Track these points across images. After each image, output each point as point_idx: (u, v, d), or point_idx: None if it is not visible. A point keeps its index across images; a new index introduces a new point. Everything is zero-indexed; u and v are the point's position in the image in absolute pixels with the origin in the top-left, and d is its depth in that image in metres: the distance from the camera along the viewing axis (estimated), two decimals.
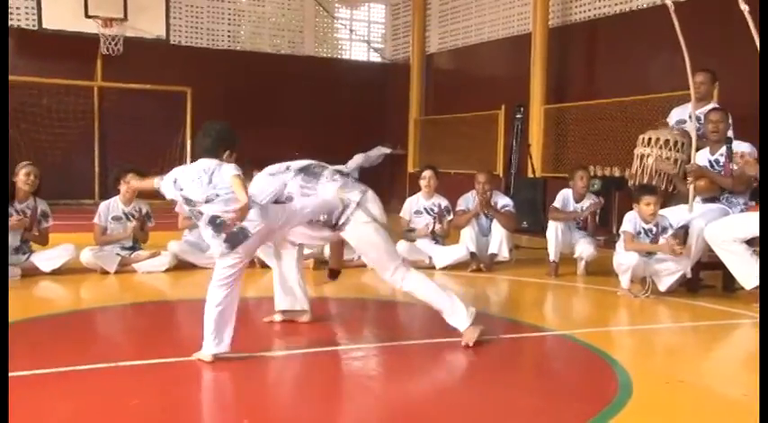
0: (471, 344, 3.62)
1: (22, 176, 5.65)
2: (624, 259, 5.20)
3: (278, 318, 4.21)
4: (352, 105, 14.06)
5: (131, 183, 5.37)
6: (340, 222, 3.72)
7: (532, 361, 3.90)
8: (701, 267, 5.46)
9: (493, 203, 6.45)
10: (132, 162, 9.24)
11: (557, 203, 6.31)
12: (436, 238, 6.59)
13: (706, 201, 5.40)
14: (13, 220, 5.52)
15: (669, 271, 5.18)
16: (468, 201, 6.55)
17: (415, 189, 6.92)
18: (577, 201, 6.30)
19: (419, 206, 6.66)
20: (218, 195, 3.34)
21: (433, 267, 6.29)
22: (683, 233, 5.35)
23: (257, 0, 14.20)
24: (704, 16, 7.90)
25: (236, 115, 13.29)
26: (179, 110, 12.72)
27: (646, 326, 4.59)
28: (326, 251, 6.26)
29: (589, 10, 10.75)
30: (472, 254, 6.31)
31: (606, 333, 4.35)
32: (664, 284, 5.22)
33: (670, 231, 5.23)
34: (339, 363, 3.57)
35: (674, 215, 5.40)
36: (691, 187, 5.33)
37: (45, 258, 5.66)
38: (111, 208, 6.00)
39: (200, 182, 3.36)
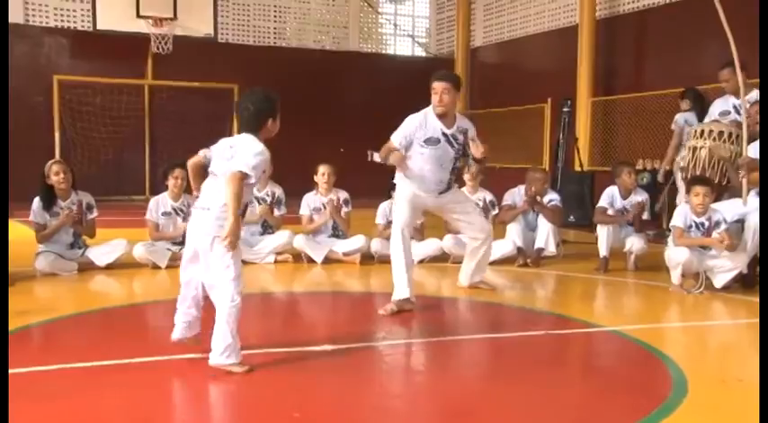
0: None
1: (54, 177, 5.57)
2: (675, 255, 5.08)
3: None
4: (396, 100, 13.92)
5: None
6: None
7: (582, 357, 3.86)
8: (758, 263, 5.30)
9: (538, 198, 6.38)
10: (181, 158, 9.46)
11: (603, 203, 6.14)
12: None
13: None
14: (61, 215, 5.58)
15: (724, 268, 5.05)
16: (515, 196, 6.48)
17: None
18: (625, 197, 6.16)
19: None
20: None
21: None
22: (738, 228, 5.20)
23: None
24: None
25: (281, 111, 13.51)
26: (226, 106, 12.89)
27: (699, 322, 4.50)
28: (373, 246, 6.29)
29: (638, 0, 10.53)
30: (519, 249, 6.25)
31: (658, 329, 4.27)
32: (719, 281, 5.08)
33: (723, 226, 5.07)
34: (387, 357, 3.59)
35: (728, 209, 5.25)
36: (744, 180, 5.18)
37: (100, 253, 5.79)
38: (160, 203, 6.10)
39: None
